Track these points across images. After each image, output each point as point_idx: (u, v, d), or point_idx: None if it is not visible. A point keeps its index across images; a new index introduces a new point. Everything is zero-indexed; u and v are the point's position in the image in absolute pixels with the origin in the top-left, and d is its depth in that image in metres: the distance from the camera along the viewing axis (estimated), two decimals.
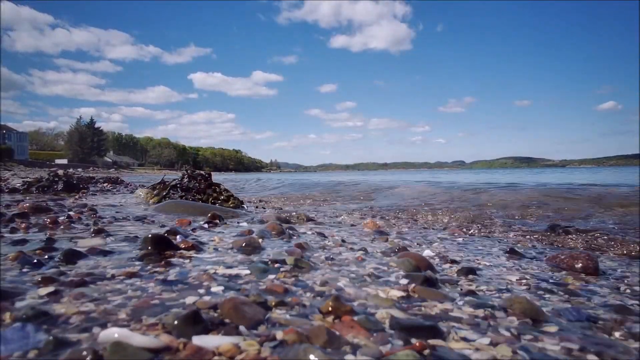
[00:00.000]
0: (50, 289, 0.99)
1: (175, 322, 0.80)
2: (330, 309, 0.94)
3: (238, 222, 2.51)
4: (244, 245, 1.66)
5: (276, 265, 1.38)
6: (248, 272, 1.26)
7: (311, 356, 0.71)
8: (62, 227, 2.05)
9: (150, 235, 1.57)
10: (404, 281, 1.25)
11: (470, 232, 2.77)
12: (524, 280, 1.39)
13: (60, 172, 6.77)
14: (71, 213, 2.61)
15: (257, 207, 4.57)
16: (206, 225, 2.34)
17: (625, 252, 2.13)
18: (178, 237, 1.75)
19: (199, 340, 0.75)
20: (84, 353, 0.66)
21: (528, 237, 2.60)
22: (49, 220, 2.21)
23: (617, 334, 0.92)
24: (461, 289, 1.22)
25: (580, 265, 1.64)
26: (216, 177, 5.94)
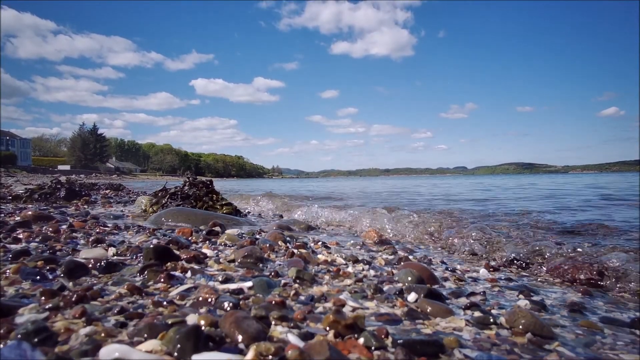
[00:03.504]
0: (51, 303, 0.98)
1: (176, 339, 0.79)
2: (330, 324, 0.93)
3: (241, 233, 2.50)
4: (246, 256, 1.64)
5: (278, 278, 1.37)
6: (250, 284, 1.25)
7: None
8: (63, 236, 2.04)
9: (152, 247, 1.56)
10: (406, 295, 1.24)
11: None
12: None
13: (63, 178, 6.80)
14: (73, 222, 2.61)
15: (251, 213, 4.56)
16: (208, 235, 2.34)
17: None
18: (180, 248, 1.74)
19: (198, 358, 0.75)
20: None
21: None
22: (51, 229, 2.21)
23: None
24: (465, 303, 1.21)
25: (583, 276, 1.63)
26: (218, 183, 5.94)
